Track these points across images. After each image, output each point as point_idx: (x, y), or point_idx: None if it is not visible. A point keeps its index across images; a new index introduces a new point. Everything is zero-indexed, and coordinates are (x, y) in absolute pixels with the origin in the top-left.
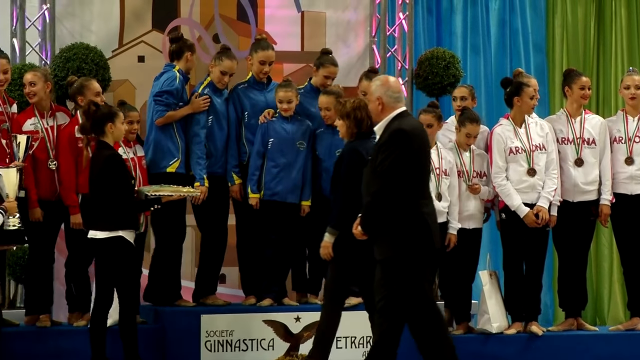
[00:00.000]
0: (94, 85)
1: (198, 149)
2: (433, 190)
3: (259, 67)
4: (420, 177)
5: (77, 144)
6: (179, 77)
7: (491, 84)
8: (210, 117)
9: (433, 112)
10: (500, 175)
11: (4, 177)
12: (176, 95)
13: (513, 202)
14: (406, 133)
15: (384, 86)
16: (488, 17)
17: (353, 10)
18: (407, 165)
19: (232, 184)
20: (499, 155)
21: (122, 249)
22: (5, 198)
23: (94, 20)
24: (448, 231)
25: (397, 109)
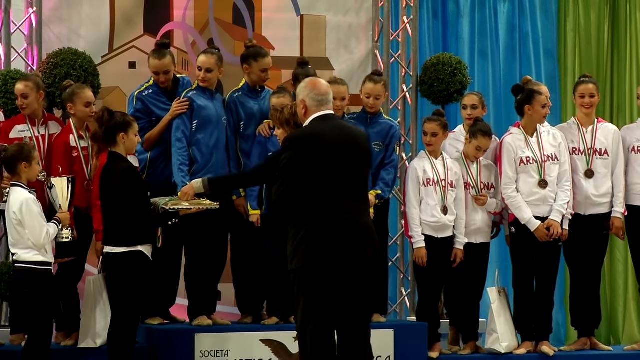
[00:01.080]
0: (86, 94)
1: (180, 156)
2: (438, 202)
3: (261, 75)
4: (317, 187)
5: (72, 153)
6: (142, 92)
7: (500, 91)
8: (194, 121)
9: (438, 120)
10: (510, 187)
11: (57, 187)
12: (145, 112)
13: (523, 215)
14: (290, 140)
15: (307, 88)
16: (497, 21)
17: (355, 13)
18: (293, 174)
19: (238, 197)
20: (509, 166)
21: (141, 265)
22: (58, 209)
23: (82, 25)
24: (454, 246)
25: (318, 113)
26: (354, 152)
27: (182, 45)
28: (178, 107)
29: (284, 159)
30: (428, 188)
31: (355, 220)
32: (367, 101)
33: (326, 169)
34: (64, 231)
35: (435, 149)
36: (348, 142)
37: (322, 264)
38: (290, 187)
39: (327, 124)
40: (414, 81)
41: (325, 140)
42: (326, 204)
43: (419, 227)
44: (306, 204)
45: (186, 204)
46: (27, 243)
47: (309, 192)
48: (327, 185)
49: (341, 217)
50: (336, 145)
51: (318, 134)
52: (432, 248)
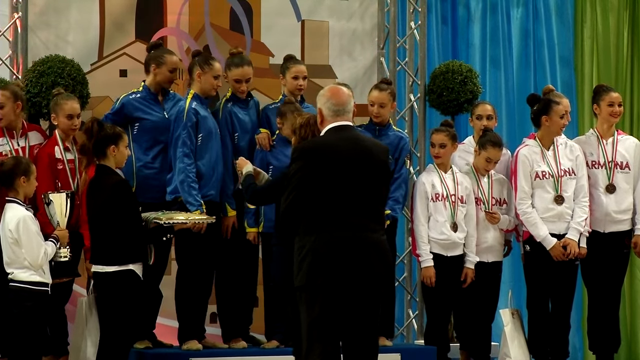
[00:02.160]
0: (69, 105)
1: (190, 172)
2: (448, 219)
3: (235, 85)
4: (325, 200)
5: (57, 166)
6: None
7: (513, 101)
8: (200, 134)
9: (446, 131)
10: (526, 202)
11: (55, 203)
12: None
13: (539, 232)
14: (300, 150)
15: (325, 97)
16: (509, 26)
17: (359, 19)
18: (301, 186)
19: (225, 215)
20: (524, 180)
21: (132, 285)
22: (56, 226)
23: (70, 31)
24: (465, 265)
25: (334, 123)
26: (367, 165)
27: (176, 52)
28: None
29: (292, 169)
30: (437, 203)
31: (364, 237)
32: (372, 110)
33: (335, 182)
34: (62, 250)
35: (444, 161)
36: (361, 155)
37: (324, 284)
38: (298, 199)
39: (340, 135)
40: (421, 90)
41: (336, 152)
42: (333, 218)
43: (427, 245)
44: (313, 217)
45: (181, 217)
46: (22, 263)
47: (317, 205)
48: (336, 199)
49: (349, 234)
50: (347, 158)
51: (329, 145)
52: (441, 267)
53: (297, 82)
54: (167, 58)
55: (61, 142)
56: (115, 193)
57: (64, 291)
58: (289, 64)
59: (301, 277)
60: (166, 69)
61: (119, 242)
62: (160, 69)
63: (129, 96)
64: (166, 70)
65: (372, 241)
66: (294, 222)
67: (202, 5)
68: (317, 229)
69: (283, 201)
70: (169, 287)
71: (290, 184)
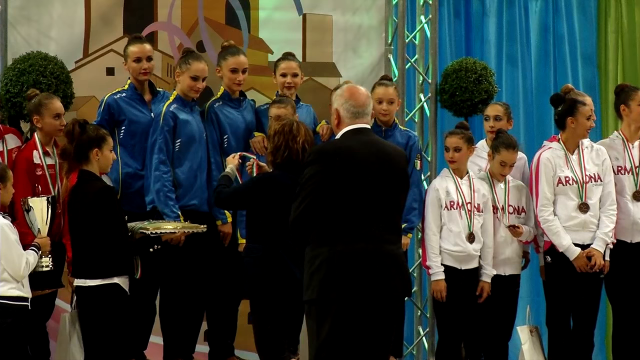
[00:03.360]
0: (54, 105)
1: (166, 181)
2: (463, 229)
3: (231, 76)
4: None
5: (36, 171)
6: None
7: (531, 102)
8: (178, 140)
9: (461, 133)
10: (548, 209)
11: (35, 209)
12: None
13: (562, 241)
14: (315, 153)
15: (343, 97)
16: (527, 21)
17: (365, 12)
18: (315, 192)
19: (224, 222)
20: (547, 185)
21: (117, 299)
22: (37, 234)
23: (53, 25)
24: (480, 278)
25: (352, 125)
26: (386, 171)
27: (167, 48)
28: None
29: (306, 173)
30: (451, 212)
31: (381, 249)
32: (379, 107)
33: (352, 189)
34: (44, 259)
35: (459, 166)
36: (381, 160)
37: (338, 298)
38: (311, 206)
39: (359, 138)
40: (432, 90)
41: (354, 157)
42: (349, 228)
43: (438, 257)
44: (327, 226)
45: (169, 227)
46: (1, 275)
47: (331, 214)
48: (352, 208)
49: (364, 246)
50: (366, 163)
51: (346, 148)
52: (455, 281)
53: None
54: (128, 50)
55: (40, 146)
56: (99, 200)
57: (46, 306)
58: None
59: (312, 290)
60: (130, 61)
61: (103, 254)
62: (128, 64)
63: (114, 95)
64: (131, 62)
65: (389, 254)
66: (305, 231)
67: None
68: (331, 240)
69: (294, 208)
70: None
71: (304, 189)
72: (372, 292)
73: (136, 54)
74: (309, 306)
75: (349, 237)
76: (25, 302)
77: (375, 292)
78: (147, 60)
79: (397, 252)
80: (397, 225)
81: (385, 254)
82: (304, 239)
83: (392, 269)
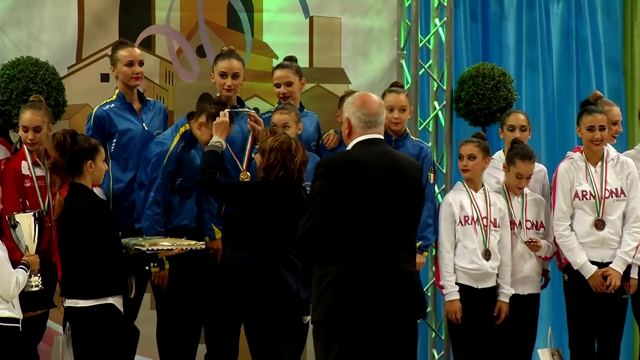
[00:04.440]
0: (22, 117)
1: (156, 223)
2: (479, 245)
3: (220, 81)
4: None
5: (24, 183)
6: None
7: (552, 110)
8: (179, 178)
9: (477, 142)
10: (564, 224)
11: (22, 225)
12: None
13: (576, 258)
14: (324, 166)
15: (354, 105)
16: (549, 24)
17: (376, 15)
18: (323, 207)
19: (213, 239)
20: (563, 198)
21: (112, 320)
22: (25, 251)
23: (45, 29)
24: (498, 298)
25: (363, 136)
26: (399, 185)
27: (165, 53)
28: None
29: (314, 187)
30: (466, 227)
31: (394, 268)
32: (390, 115)
33: (364, 204)
34: (33, 278)
35: (472, 176)
36: (394, 173)
37: (347, 320)
38: (319, 222)
39: (371, 149)
40: (447, 97)
41: (366, 169)
42: (359, 246)
43: (453, 276)
44: (336, 243)
45: (166, 243)
46: None
47: (340, 230)
48: (363, 224)
49: (376, 264)
50: (379, 176)
51: (357, 161)
52: (470, 301)
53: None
54: (119, 53)
55: (29, 156)
56: (92, 215)
57: (37, 327)
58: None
59: (320, 311)
60: (121, 65)
61: (96, 273)
62: (117, 68)
63: (103, 107)
64: (122, 66)
65: (402, 273)
66: (313, 248)
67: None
68: (341, 258)
69: (302, 223)
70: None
71: (312, 203)
72: (383, 314)
73: (127, 58)
74: (317, 328)
75: (360, 255)
76: (16, 323)
77: (387, 314)
78: (140, 65)
79: (411, 271)
80: (411, 243)
81: (398, 273)
82: (312, 256)
83: (405, 289)
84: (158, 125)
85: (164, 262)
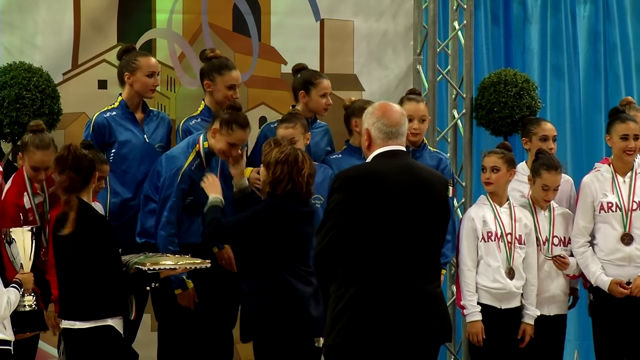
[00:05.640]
0: (34, 157)
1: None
2: (502, 263)
3: (227, 94)
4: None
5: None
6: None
7: (579, 118)
8: (190, 197)
9: (501, 153)
10: (580, 240)
11: (17, 241)
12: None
13: (590, 269)
14: (342, 179)
15: (374, 115)
16: (575, 27)
17: (391, 18)
18: (341, 223)
19: (221, 248)
20: (582, 213)
21: (112, 343)
22: (19, 269)
23: (39, 33)
24: (522, 320)
25: (384, 147)
26: (423, 200)
27: (167, 58)
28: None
29: (331, 202)
30: (489, 244)
31: (417, 289)
32: (410, 125)
33: (384, 220)
34: (27, 297)
35: (496, 189)
36: (418, 188)
37: (365, 345)
38: (337, 239)
39: (392, 162)
40: (467, 105)
41: (387, 183)
42: (380, 265)
43: (475, 295)
44: (354, 262)
45: (169, 262)
46: None
47: (359, 248)
48: (385, 241)
49: (397, 285)
50: (401, 190)
51: (378, 174)
52: (493, 322)
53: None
54: (140, 61)
55: (30, 187)
56: (90, 231)
57: (27, 350)
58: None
59: (336, 334)
60: (142, 74)
61: (95, 292)
62: (135, 76)
63: (104, 114)
64: (142, 75)
65: (426, 294)
66: (330, 265)
67: (199, 1)
68: (361, 278)
69: (318, 241)
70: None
71: (328, 219)
72: (405, 339)
73: (151, 69)
74: (330, 351)
75: (380, 275)
76: (7, 345)
77: (409, 339)
78: (158, 76)
79: (435, 292)
80: (435, 262)
81: (421, 294)
82: (329, 274)
83: (428, 311)
84: (161, 137)
85: (185, 281)
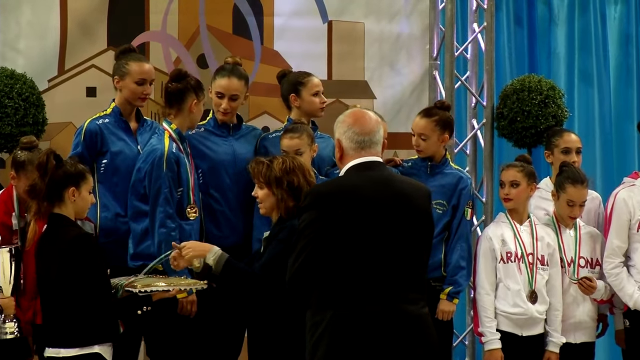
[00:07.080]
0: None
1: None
2: (524, 286)
3: (216, 101)
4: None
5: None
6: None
7: (609, 128)
8: (180, 189)
9: (520, 166)
10: (614, 260)
11: None
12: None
13: (626, 291)
14: (312, 196)
15: (345, 123)
16: (604, 30)
17: (405, 19)
18: (314, 243)
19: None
20: (617, 232)
21: None
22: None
23: (22, 36)
24: (546, 347)
25: (358, 159)
26: (403, 215)
27: (161, 63)
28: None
29: (302, 221)
30: (509, 265)
31: (400, 311)
32: (413, 140)
33: (359, 238)
34: (8, 324)
35: (516, 206)
36: (395, 201)
37: None
38: (310, 260)
39: (367, 175)
40: (488, 115)
41: (361, 198)
42: (357, 287)
43: (493, 321)
44: (330, 285)
45: (162, 283)
46: None
47: (334, 269)
48: (360, 261)
49: (377, 308)
50: (376, 205)
51: (351, 188)
52: (514, 350)
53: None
54: (131, 66)
55: (18, 208)
56: (75, 251)
57: None
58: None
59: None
60: (131, 80)
61: (81, 317)
62: (124, 82)
63: (96, 121)
64: (131, 82)
65: (411, 316)
66: (305, 290)
67: (196, 2)
68: (336, 301)
69: (290, 265)
70: None
71: (300, 241)
72: None
73: (141, 75)
74: None
75: (358, 298)
76: None
77: None
78: (150, 84)
79: (421, 313)
80: (419, 280)
81: (404, 316)
82: (304, 300)
83: (412, 333)
84: None
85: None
